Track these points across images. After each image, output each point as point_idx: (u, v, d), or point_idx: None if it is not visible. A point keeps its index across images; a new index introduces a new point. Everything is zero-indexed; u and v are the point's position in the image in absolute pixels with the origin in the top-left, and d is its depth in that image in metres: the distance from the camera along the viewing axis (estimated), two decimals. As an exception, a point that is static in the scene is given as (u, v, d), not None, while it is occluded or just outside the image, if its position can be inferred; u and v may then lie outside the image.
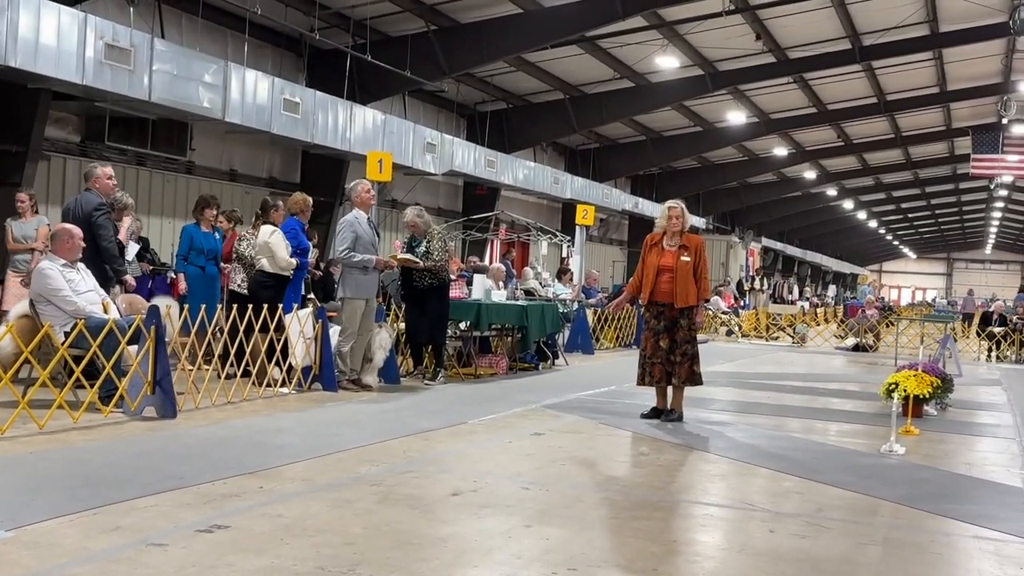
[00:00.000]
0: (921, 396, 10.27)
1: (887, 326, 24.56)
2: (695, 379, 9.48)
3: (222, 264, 12.12)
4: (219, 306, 11.64)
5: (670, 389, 9.52)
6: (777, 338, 26.79)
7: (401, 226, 22.45)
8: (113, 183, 10.24)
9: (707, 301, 10.11)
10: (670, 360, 9.40)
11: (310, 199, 12.21)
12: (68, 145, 16.02)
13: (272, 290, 10.84)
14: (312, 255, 12.44)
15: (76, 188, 16.02)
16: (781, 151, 35.49)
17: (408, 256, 11.32)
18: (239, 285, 11.54)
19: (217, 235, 12.31)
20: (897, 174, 44.46)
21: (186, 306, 10.10)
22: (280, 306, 10.41)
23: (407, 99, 22.90)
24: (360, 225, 10.78)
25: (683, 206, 9.66)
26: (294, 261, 10.87)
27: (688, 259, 9.38)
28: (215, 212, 12.25)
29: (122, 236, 10.98)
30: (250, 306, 10.01)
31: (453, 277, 13.25)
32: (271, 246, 10.87)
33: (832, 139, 35.49)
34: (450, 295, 12.31)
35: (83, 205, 9.78)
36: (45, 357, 8.14)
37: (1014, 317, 25.84)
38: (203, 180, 18.54)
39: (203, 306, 9.64)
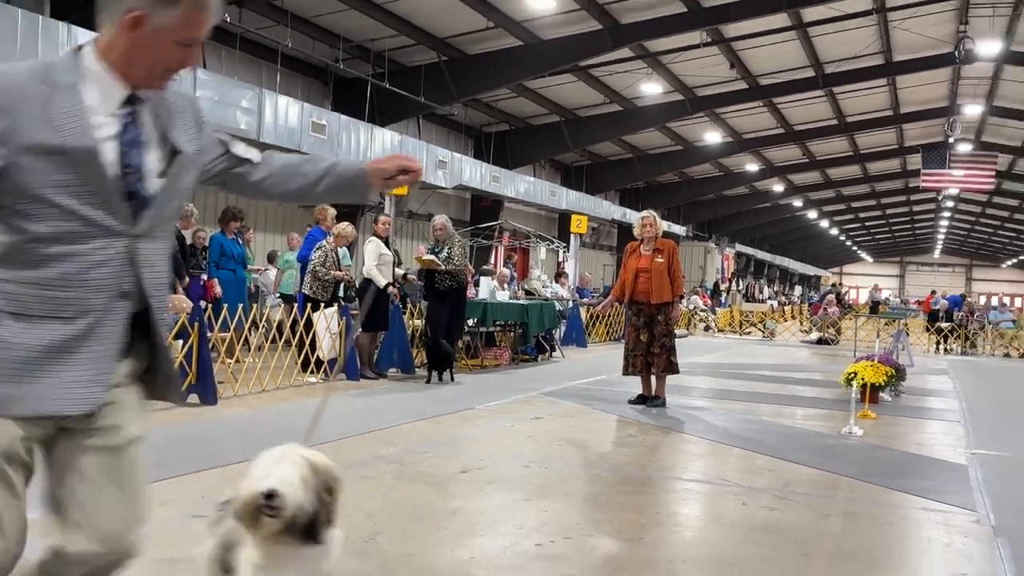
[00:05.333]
0: (877, 384, 10.28)
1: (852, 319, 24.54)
2: (672, 368, 9.49)
3: None
4: (254, 304, 11.66)
5: (653, 378, 9.54)
6: (749, 333, 26.78)
7: (419, 233, 22.59)
8: None
9: (682, 298, 10.09)
10: (650, 352, 9.42)
11: (332, 210, 12.24)
12: (120, 163, 16.02)
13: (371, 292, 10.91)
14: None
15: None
16: (752, 167, 35.49)
17: (431, 258, 11.29)
18: (313, 290, 10.74)
19: (241, 243, 12.29)
20: (856, 187, 44.43)
21: (224, 305, 10.14)
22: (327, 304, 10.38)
23: (421, 122, 22.91)
24: None
25: (654, 215, 9.70)
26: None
27: (662, 260, 9.40)
28: (239, 223, 12.21)
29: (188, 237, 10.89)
30: (308, 305, 10.18)
31: (470, 280, 13.25)
32: (364, 253, 11.11)
33: (798, 156, 35.51)
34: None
35: None
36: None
37: (960, 314, 25.86)
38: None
39: (240, 305, 9.69)
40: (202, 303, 9.95)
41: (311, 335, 10.24)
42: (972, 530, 5.19)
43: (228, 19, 15.75)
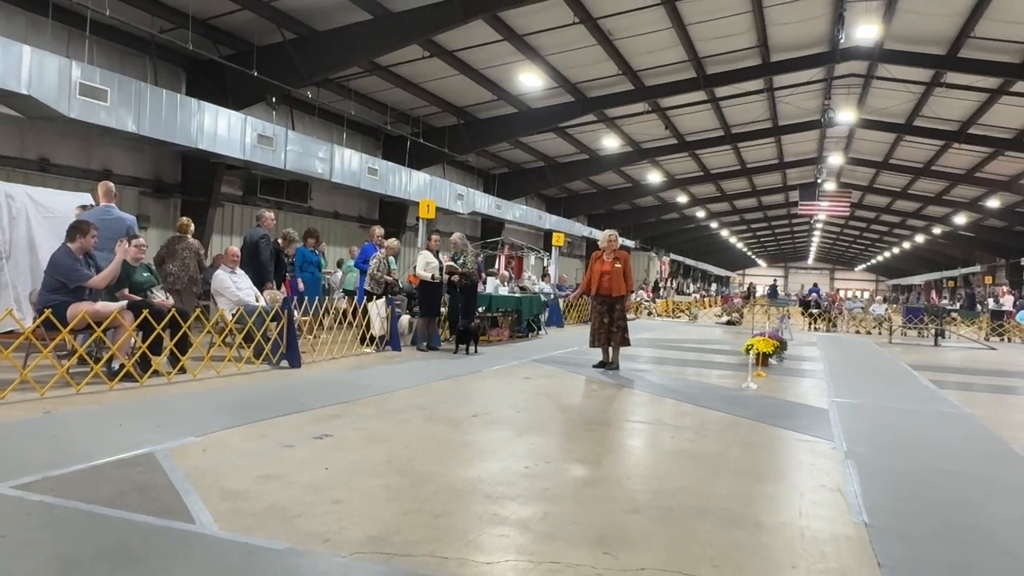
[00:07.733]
0: (767, 352, 10.31)
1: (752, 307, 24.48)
2: (626, 342, 9.48)
3: None
4: (327, 297, 11.62)
5: (611, 349, 9.54)
6: (679, 317, 26.75)
7: (444, 246, 22.57)
8: (274, 222, 10.08)
9: (632, 292, 10.08)
10: (610, 330, 9.42)
11: (380, 229, 12.22)
12: (234, 197, 16.03)
13: (425, 288, 10.81)
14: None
15: (240, 225, 16.04)
16: (682, 198, 35.43)
17: (453, 264, 11.28)
18: (371, 287, 10.69)
19: (317, 253, 12.20)
20: (753, 213, 44.34)
21: (306, 298, 10.13)
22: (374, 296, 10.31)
23: (445, 166, 22.89)
24: None
25: (615, 233, 9.65)
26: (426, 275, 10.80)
27: (619, 266, 9.39)
28: (315, 240, 12.19)
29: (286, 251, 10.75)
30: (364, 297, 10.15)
31: (481, 279, 13.21)
32: (416, 262, 11.00)
33: (712, 191, 35.50)
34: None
35: (252, 235, 9.74)
36: (220, 330, 8.18)
37: (824, 303, 25.85)
38: (318, 219, 18.54)
39: (317, 298, 9.68)
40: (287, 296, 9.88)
41: (366, 319, 10.26)
42: (830, 454, 5.22)
43: (310, 95, 15.72)
